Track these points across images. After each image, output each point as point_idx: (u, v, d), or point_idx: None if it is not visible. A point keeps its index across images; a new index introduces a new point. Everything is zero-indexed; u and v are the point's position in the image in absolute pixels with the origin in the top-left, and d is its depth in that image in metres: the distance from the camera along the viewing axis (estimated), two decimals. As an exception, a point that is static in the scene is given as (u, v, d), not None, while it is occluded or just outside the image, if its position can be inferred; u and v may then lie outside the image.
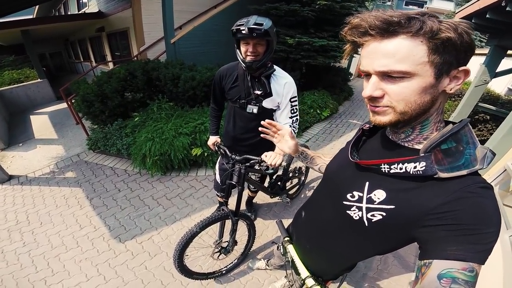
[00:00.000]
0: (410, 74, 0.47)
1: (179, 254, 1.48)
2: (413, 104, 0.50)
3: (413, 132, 0.57)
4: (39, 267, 2.08)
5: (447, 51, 0.45)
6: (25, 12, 6.20)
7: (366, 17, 0.48)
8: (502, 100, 5.44)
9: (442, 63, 0.46)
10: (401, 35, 0.46)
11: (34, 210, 2.74)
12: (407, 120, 0.53)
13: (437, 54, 0.45)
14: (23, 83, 7.28)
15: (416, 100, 0.50)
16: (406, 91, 0.49)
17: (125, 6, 6.25)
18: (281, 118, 1.60)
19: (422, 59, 0.46)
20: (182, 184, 3.06)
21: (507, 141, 2.33)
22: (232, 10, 5.65)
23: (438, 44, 0.44)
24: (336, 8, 4.67)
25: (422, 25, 0.44)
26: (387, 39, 0.47)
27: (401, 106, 0.51)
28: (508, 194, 2.14)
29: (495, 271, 1.56)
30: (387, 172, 0.58)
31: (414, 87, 0.48)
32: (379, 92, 0.51)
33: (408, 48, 0.46)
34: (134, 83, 3.91)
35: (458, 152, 0.51)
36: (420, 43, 0.45)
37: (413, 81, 0.48)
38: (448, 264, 0.47)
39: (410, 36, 0.45)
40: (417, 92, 0.48)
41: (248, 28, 1.20)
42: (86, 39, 9.57)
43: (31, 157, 3.93)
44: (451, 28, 0.43)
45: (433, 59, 0.46)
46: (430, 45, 0.45)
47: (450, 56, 0.46)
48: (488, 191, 0.49)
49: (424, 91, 0.48)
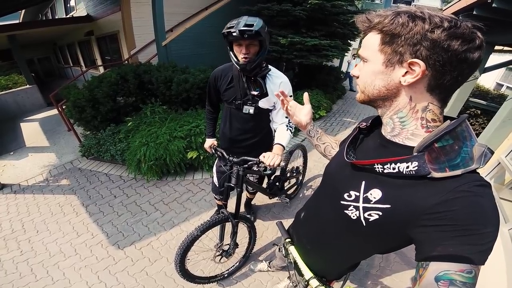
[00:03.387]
0: (366, 59, 0.58)
1: (180, 258, 1.47)
2: (368, 85, 0.59)
3: (395, 126, 0.59)
4: (38, 275, 2.05)
5: (393, 42, 0.51)
6: (11, 16, 6.07)
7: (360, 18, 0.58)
8: (492, 95, 5.58)
9: (391, 52, 0.52)
10: (371, 30, 0.56)
11: (29, 218, 2.69)
12: (369, 100, 0.61)
13: (385, 44, 0.52)
14: (12, 89, 7.11)
15: (370, 83, 0.58)
16: (363, 72, 0.60)
17: (114, 9, 6.17)
18: (277, 118, 1.60)
19: (375, 48, 0.54)
20: (179, 188, 3.04)
21: (499, 134, 2.38)
22: (224, 11, 5.63)
23: (385, 35, 0.52)
24: (327, 7, 4.71)
25: (379, 20, 0.52)
26: (365, 33, 0.58)
27: (361, 85, 0.61)
28: (504, 187, 2.17)
29: (497, 265, 1.58)
30: (381, 172, 0.58)
31: (367, 69, 0.58)
32: (357, 72, 0.62)
33: (369, 39, 0.56)
34: (125, 87, 3.85)
35: (454, 150, 0.50)
36: (377, 34, 0.54)
37: (368, 65, 0.57)
38: (445, 266, 0.46)
39: (374, 30, 0.54)
40: (369, 75, 0.58)
41: (238, 30, 1.19)
42: (75, 43, 9.42)
43: (23, 165, 3.84)
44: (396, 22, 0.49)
45: (382, 48, 0.53)
46: (381, 36, 0.53)
47: (399, 47, 0.50)
48: (485, 189, 0.48)
49: (374, 75, 0.57)
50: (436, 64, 0.47)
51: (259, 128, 1.67)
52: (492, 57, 3.50)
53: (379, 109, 0.62)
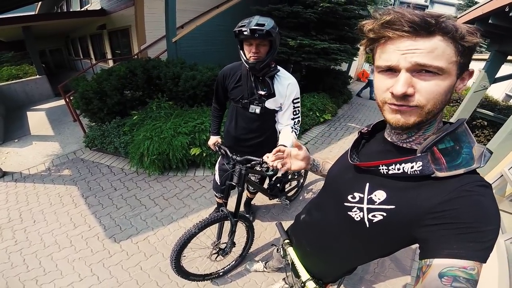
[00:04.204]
0: (444, 71, 0.47)
1: (176, 255, 1.46)
2: (439, 103, 0.50)
3: (417, 133, 0.58)
4: (30, 266, 2.03)
5: (468, 53, 0.48)
6: (27, 8, 6.18)
7: (405, 14, 0.47)
8: (500, 106, 5.48)
9: (463, 64, 0.49)
10: (437, 35, 0.47)
11: (27, 207, 2.69)
12: (429, 120, 0.53)
13: (462, 55, 0.48)
14: (22, 79, 7.22)
15: (443, 100, 0.50)
16: (438, 89, 0.48)
17: (127, 4, 6.24)
18: (282, 119, 1.58)
19: (453, 59, 0.47)
20: (180, 184, 3.03)
21: (504, 147, 2.35)
22: (235, 11, 5.65)
23: (465, 46, 0.47)
24: (339, 11, 4.69)
25: (455, 27, 0.46)
26: (423, 38, 0.47)
27: (429, 105, 0.50)
28: (504, 199, 2.16)
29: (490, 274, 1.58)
30: (385, 173, 0.59)
31: (445, 85, 0.48)
32: (411, 89, 0.49)
33: (443, 47, 0.47)
34: (134, 81, 3.89)
35: (455, 151, 0.52)
36: (450, 44, 0.47)
37: (445, 79, 0.48)
38: (449, 263, 0.47)
39: (445, 37, 0.46)
40: (446, 91, 0.49)
41: (250, 29, 1.20)
42: (87, 37, 9.55)
43: (26, 153, 3.87)
44: (473, 33, 0.46)
45: (459, 60, 0.48)
46: (458, 47, 0.47)
47: (467, 58, 0.49)
48: (486, 189, 0.49)
49: (450, 90, 0.50)
50: None
51: (264, 128, 1.66)
52: (504, 67, 3.44)
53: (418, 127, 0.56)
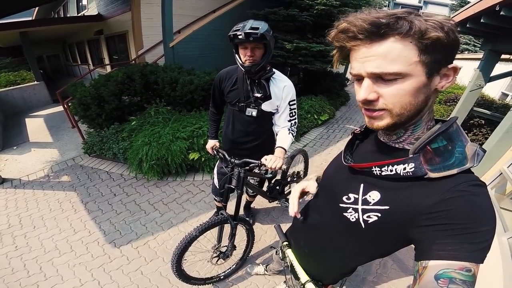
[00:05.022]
0: (403, 74, 0.47)
1: (177, 259, 1.46)
2: (408, 105, 0.50)
3: (405, 133, 0.58)
4: (31, 271, 2.04)
5: (436, 50, 0.45)
6: (24, 13, 6.19)
7: (354, 21, 0.47)
8: (497, 105, 5.52)
9: (432, 62, 0.46)
10: (390, 37, 0.46)
11: (27, 213, 2.69)
12: (403, 122, 0.53)
13: (427, 53, 0.45)
14: (20, 85, 7.21)
15: (411, 101, 0.49)
16: (401, 92, 0.48)
17: (124, 9, 6.27)
18: (279, 121, 1.60)
19: (414, 59, 0.46)
20: (179, 189, 3.03)
21: (502, 145, 2.36)
22: (231, 15, 5.68)
23: (428, 43, 0.44)
24: (334, 13, 4.73)
25: (411, 25, 0.44)
26: (377, 42, 0.47)
27: (397, 109, 0.50)
28: (505, 197, 2.17)
29: (494, 273, 1.57)
30: (379, 175, 0.58)
31: (408, 88, 0.48)
32: (374, 95, 0.50)
33: (399, 49, 0.45)
34: (131, 87, 3.89)
35: (448, 151, 0.51)
36: (409, 43, 0.45)
37: (406, 82, 0.47)
38: (445, 264, 0.46)
39: (400, 38, 0.45)
40: (412, 93, 0.48)
41: (244, 33, 1.21)
42: (84, 42, 9.57)
43: (25, 160, 3.87)
44: (438, 27, 0.43)
45: (424, 58, 0.46)
46: (419, 45, 0.45)
47: (439, 55, 0.46)
48: (480, 189, 0.48)
49: (418, 91, 0.48)
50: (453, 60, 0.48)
51: (261, 131, 1.67)
52: (498, 66, 3.47)
53: (396, 129, 0.57)
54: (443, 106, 5.90)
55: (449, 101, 5.90)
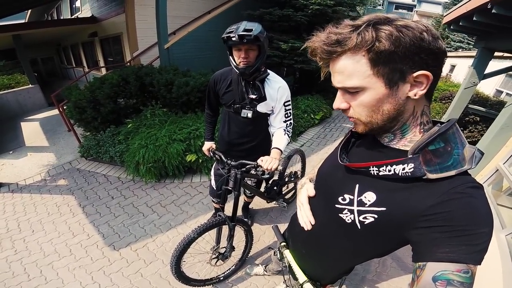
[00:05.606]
0: (361, 88, 0.50)
1: (176, 260, 1.46)
2: (374, 114, 0.53)
3: (395, 137, 0.59)
4: (31, 275, 2.04)
5: (391, 60, 0.45)
6: (17, 16, 6.13)
7: (316, 42, 0.51)
8: (491, 102, 5.58)
9: (390, 72, 0.47)
10: (343, 54, 0.48)
11: (25, 218, 2.68)
12: (376, 129, 0.56)
13: (380, 65, 0.46)
14: (14, 88, 7.15)
15: (376, 111, 0.52)
16: (363, 103, 0.52)
17: (118, 11, 6.23)
18: (275, 122, 1.61)
19: (368, 72, 0.47)
20: (177, 191, 3.03)
21: (497, 142, 2.38)
22: (227, 16, 5.68)
23: (378, 55, 0.45)
24: (329, 13, 4.75)
25: (358, 39, 0.45)
26: (336, 59, 0.51)
27: (363, 118, 0.54)
28: (501, 193, 2.18)
29: (493, 270, 1.58)
30: (376, 175, 0.58)
31: (368, 99, 0.51)
32: (345, 104, 0.55)
33: (352, 65, 0.48)
34: (127, 89, 3.87)
35: (446, 152, 0.51)
36: (362, 57, 0.47)
37: (366, 93, 0.50)
38: (442, 266, 0.46)
39: (351, 53, 0.47)
40: (373, 104, 0.51)
41: (238, 35, 1.21)
42: (79, 44, 9.48)
43: (22, 164, 3.84)
44: (393, 36, 0.43)
45: (378, 70, 0.47)
46: (372, 57, 0.46)
47: (398, 64, 0.46)
48: (478, 191, 0.48)
49: (380, 101, 0.50)
50: (434, 67, 0.47)
51: (257, 132, 1.67)
52: (492, 63, 3.51)
53: (382, 134, 0.60)
54: (439, 104, 5.96)
55: (445, 99, 5.96)
